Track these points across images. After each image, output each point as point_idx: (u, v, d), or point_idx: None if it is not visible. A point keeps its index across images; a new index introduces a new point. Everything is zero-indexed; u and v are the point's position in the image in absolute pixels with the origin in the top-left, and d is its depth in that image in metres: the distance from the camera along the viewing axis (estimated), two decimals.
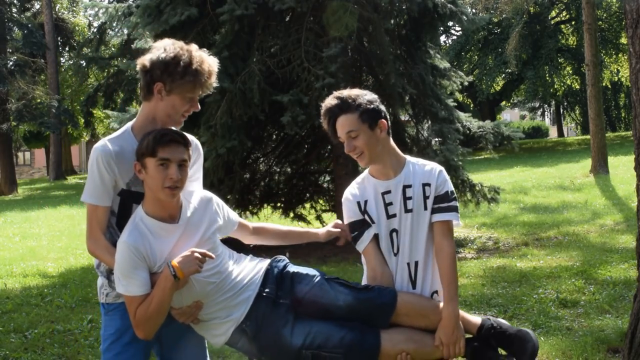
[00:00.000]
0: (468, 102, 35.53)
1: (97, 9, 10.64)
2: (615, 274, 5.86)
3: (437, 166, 2.59)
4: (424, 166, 2.59)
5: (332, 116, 2.57)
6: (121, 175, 2.42)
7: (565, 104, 43.83)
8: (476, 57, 30.63)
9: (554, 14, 31.70)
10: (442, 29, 10.77)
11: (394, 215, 2.54)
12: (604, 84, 30.84)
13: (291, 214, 9.68)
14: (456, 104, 9.29)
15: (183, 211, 2.44)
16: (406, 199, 2.53)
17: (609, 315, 4.70)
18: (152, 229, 2.38)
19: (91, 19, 35.43)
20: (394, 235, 2.55)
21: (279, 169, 9.64)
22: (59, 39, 33.18)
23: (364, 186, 2.62)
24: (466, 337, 2.49)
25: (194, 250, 2.33)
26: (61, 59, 35.16)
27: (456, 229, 2.68)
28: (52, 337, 5.09)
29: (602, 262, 6.36)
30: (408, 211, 2.53)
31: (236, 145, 7.43)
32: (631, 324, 3.23)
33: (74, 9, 36.59)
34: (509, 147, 9.21)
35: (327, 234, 2.76)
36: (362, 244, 2.57)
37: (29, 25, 28.88)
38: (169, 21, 7.77)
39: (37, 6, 33.02)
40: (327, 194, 9.72)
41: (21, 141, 38.22)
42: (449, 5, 8.52)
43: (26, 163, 46.82)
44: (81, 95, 34.62)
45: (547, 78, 28.34)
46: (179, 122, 2.51)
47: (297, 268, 2.62)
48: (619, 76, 32.01)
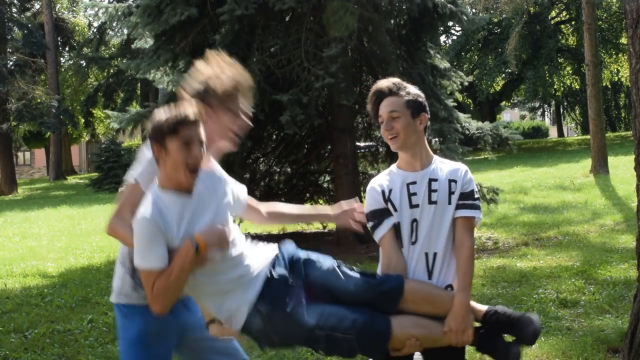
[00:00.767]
0: (468, 102, 35.54)
1: (97, 9, 10.63)
2: (615, 274, 5.86)
3: (463, 166, 2.66)
4: (451, 164, 2.67)
5: (380, 96, 2.63)
6: None
7: (565, 104, 43.84)
8: (476, 57, 30.64)
9: (554, 14, 31.70)
10: (442, 29, 10.74)
11: (416, 206, 2.60)
12: (604, 84, 30.85)
13: None
14: (456, 104, 9.29)
15: (197, 185, 2.41)
16: (431, 191, 2.59)
17: (609, 315, 4.70)
18: (167, 202, 2.35)
19: (91, 19, 35.46)
20: (414, 224, 2.61)
21: (279, 169, 9.64)
22: (59, 39, 33.19)
23: (390, 177, 2.68)
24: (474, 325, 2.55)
25: (216, 225, 2.33)
26: (61, 59, 35.18)
27: None
28: (52, 337, 5.09)
29: (602, 262, 6.36)
30: (432, 203, 2.59)
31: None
32: (631, 324, 3.23)
33: (74, 9, 36.61)
34: (507, 148, 9.23)
35: (338, 209, 2.85)
36: (380, 232, 2.63)
37: (29, 25, 28.90)
38: (169, 21, 7.77)
39: (37, 6, 33.03)
40: (327, 193, 9.73)
41: (21, 141, 38.25)
42: (449, 5, 8.52)
43: (26, 163, 46.83)
44: (81, 95, 34.68)
45: (547, 78, 28.34)
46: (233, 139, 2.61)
47: (307, 253, 2.65)
48: (619, 76, 32.01)
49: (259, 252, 2.58)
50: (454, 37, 30.34)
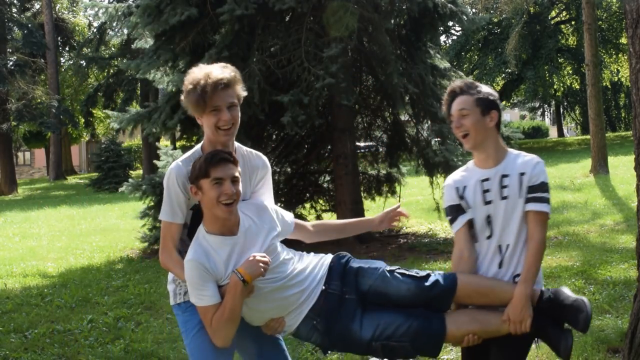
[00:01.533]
0: None
1: (97, 9, 10.61)
2: (615, 274, 5.86)
3: (536, 158, 2.67)
4: (523, 157, 2.69)
5: (453, 95, 2.72)
6: None
7: (565, 104, 43.81)
8: (476, 57, 30.61)
9: (554, 14, 31.67)
10: (442, 29, 10.74)
11: (490, 202, 2.66)
12: (604, 84, 30.82)
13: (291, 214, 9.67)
14: None
15: (241, 224, 2.57)
16: (502, 187, 2.64)
17: (609, 315, 4.70)
18: (214, 245, 2.53)
19: (91, 19, 35.43)
20: (489, 220, 2.67)
21: (279, 169, 9.64)
22: (59, 39, 33.20)
23: (466, 173, 2.75)
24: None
25: (255, 254, 2.49)
26: (61, 59, 35.18)
27: None
28: (52, 337, 5.09)
29: (602, 262, 6.35)
30: (503, 198, 2.64)
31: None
32: (631, 324, 3.23)
33: (74, 9, 36.60)
34: (508, 147, 9.21)
35: (384, 216, 2.96)
36: (455, 227, 2.72)
37: (29, 25, 28.89)
38: (169, 21, 7.77)
39: (37, 6, 33.03)
40: (327, 194, 9.73)
41: (21, 141, 38.22)
42: (449, 5, 8.53)
43: (26, 163, 46.80)
44: (81, 95, 34.66)
45: (547, 78, 28.30)
46: (223, 136, 2.59)
47: (360, 262, 2.74)
48: (619, 76, 31.97)
49: (311, 268, 2.68)
50: (454, 37, 30.32)
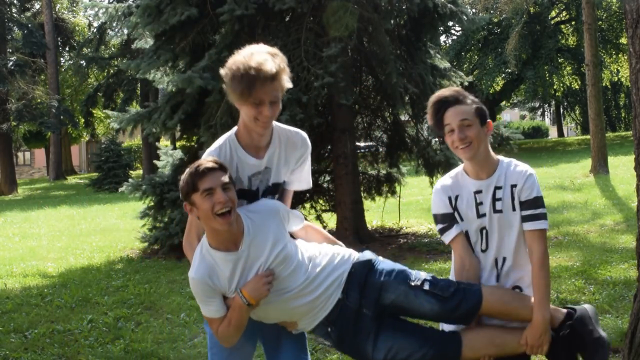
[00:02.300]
0: None
1: (97, 9, 10.62)
2: (615, 274, 5.86)
3: (527, 169, 2.60)
4: (515, 167, 2.62)
5: (445, 104, 2.59)
6: None
7: (565, 104, 43.82)
8: (476, 57, 30.61)
9: (553, 14, 31.67)
10: (442, 29, 10.74)
11: (483, 215, 2.60)
12: (604, 84, 30.83)
13: None
14: None
15: (245, 235, 2.46)
16: (495, 200, 2.58)
17: (609, 315, 4.70)
18: (217, 260, 2.46)
19: (91, 19, 35.42)
20: (484, 233, 2.61)
21: None
22: (59, 39, 33.20)
23: (457, 181, 2.67)
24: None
25: (260, 275, 2.43)
26: (61, 59, 35.19)
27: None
28: (52, 337, 5.09)
29: (602, 262, 6.35)
30: (497, 212, 2.58)
31: None
32: (631, 324, 3.22)
33: (74, 9, 36.60)
34: (508, 148, 9.21)
35: None
36: (450, 236, 2.64)
37: (29, 25, 28.90)
38: (169, 21, 7.78)
39: (37, 6, 33.04)
40: (327, 194, 9.72)
41: (21, 141, 38.23)
42: (449, 5, 8.52)
43: (26, 163, 46.81)
44: (81, 95, 34.67)
45: (547, 78, 28.31)
46: (260, 127, 2.50)
47: (384, 266, 2.61)
48: (619, 76, 31.97)
49: (328, 272, 2.56)
50: (454, 37, 30.32)
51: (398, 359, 2.46)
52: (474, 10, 26.96)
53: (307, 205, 9.84)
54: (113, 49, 31.94)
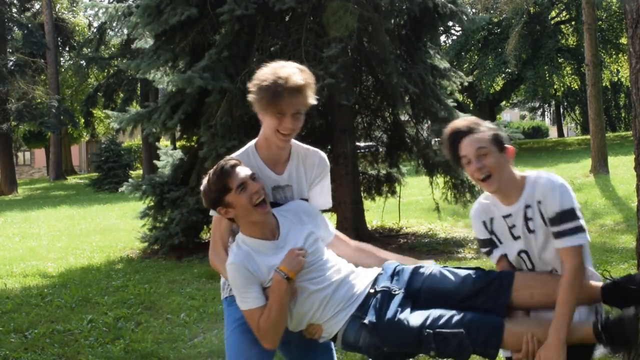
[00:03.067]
0: (468, 102, 35.52)
1: (97, 9, 10.61)
2: (615, 274, 5.83)
3: (550, 181, 2.44)
4: (539, 181, 2.48)
5: (459, 135, 2.47)
6: None
7: (565, 104, 43.83)
8: (476, 57, 30.61)
9: (554, 14, 31.68)
10: (442, 29, 10.75)
11: (518, 237, 2.50)
12: (604, 84, 30.84)
13: None
14: (456, 104, 9.28)
15: (281, 228, 2.52)
16: (527, 219, 2.47)
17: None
18: (255, 247, 2.47)
19: (91, 19, 35.40)
20: (524, 255, 2.52)
21: None
22: (59, 39, 33.20)
23: (489, 204, 2.58)
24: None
25: (292, 249, 2.44)
26: (61, 59, 35.18)
27: (456, 230, 2.65)
28: (52, 337, 5.09)
29: (602, 262, 6.35)
30: (531, 232, 2.48)
31: (236, 145, 7.42)
32: None
33: (74, 9, 36.61)
34: None
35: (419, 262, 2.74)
36: (494, 259, 2.60)
37: (29, 25, 28.90)
38: (169, 21, 7.78)
39: (37, 6, 33.04)
40: None
41: (21, 141, 38.23)
42: (449, 5, 8.52)
43: (26, 163, 46.81)
44: (81, 95, 34.68)
45: (547, 78, 28.32)
46: (280, 140, 2.53)
47: (411, 266, 2.63)
48: (619, 76, 31.98)
49: (359, 271, 2.61)
50: (454, 37, 30.33)
51: (438, 323, 2.37)
52: (474, 10, 26.97)
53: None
54: (113, 49, 31.94)
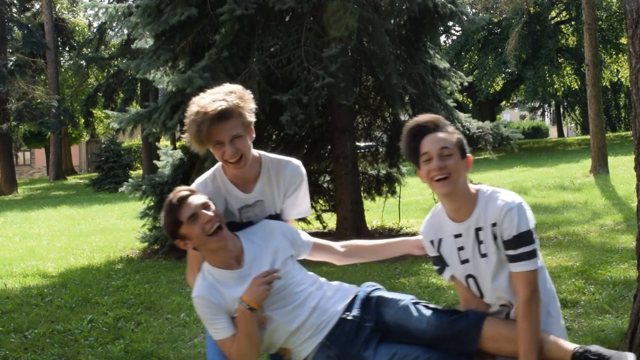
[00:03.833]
0: (468, 102, 35.53)
1: (97, 9, 10.64)
2: (615, 274, 5.86)
3: (506, 202, 2.30)
4: (495, 201, 2.33)
5: (423, 131, 2.36)
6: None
7: (565, 104, 43.81)
8: (476, 57, 30.63)
9: (553, 14, 31.69)
10: (442, 29, 10.74)
11: (466, 261, 2.38)
12: (604, 84, 30.82)
13: None
14: (456, 104, 9.28)
15: (246, 254, 2.47)
16: (479, 242, 2.34)
17: (609, 315, 4.70)
18: (219, 278, 2.44)
19: (91, 19, 35.45)
20: (471, 280, 2.40)
21: None
22: (59, 39, 33.20)
23: (439, 221, 2.45)
24: None
25: (256, 277, 2.40)
26: (61, 59, 35.18)
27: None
28: (52, 337, 5.08)
29: (602, 262, 6.35)
30: (483, 256, 2.34)
31: None
32: (631, 324, 3.23)
33: (74, 9, 36.62)
34: (508, 147, 9.20)
35: (414, 243, 2.69)
36: (447, 276, 2.50)
37: (29, 25, 28.88)
38: (169, 21, 7.77)
39: (37, 6, 33.05)
40: (327, 194, 9.72)
41: (21, 141, 38.22)
42: (449, 5, 8.52)
43: (26, 163, 46.80)
44: (81, 95, 34.69)
45: (547, 78, 28.33)
46: (233, 169, 2.50)
47: (385, 292, 2.58)
48: (619, 76, 31.98)
49: (331, 294, 2.55)
50: (454, 37, 30.34)
51: None
52: (474, 10, 26.98)
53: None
54: (113, 49, 31.96)
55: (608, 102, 39.95)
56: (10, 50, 29.10)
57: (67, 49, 36.07)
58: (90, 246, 9.92)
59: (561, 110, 46.40)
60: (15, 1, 30.21)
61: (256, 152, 2.62)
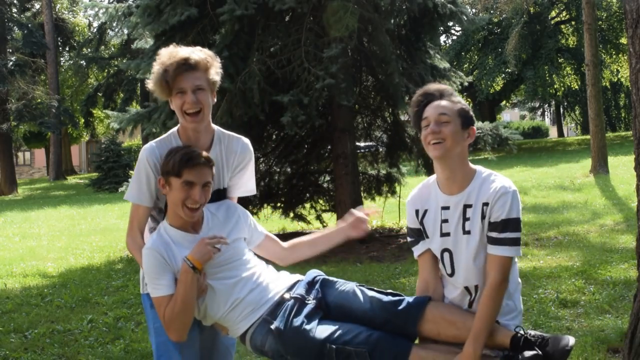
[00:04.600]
0: (468, 102, 35.54)
1: (97, 9, 10.65)
2: (615, 274, 5.86)
3: (503, 186, 2.32)
4: (491, 182, 2.34)
5: (429, 98, 2.40)
6: None
7: (565, 104, 43.82)
8: (476, 57, 30.63)
9: (553, 14, 31.69)
10: (442, 29, 10.74)
11: (447, 234, 2.38)
12: (604, 84, 30.83)
13: (291, 214, 9.68)
14: None
15: (205, 222, 2.53)
16: (465, 219, 2.34)
17: (609, 315, 4.70)
18: (175, 238, 2.47)
19: (91, 19, 35.48)
20: (446, 255, 2.40)
21: (279, 169, 9.64)
22: (59, 39, 33.20)
23: (428, 192, 2.46)
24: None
25: (203, 238, 2.43)
26: (61, 59, 35.18)
27: None
28: (52, 337, 5.09)
29: (602, 262, 6.35)
30: (466, 233, 2.35)
31: None
32: (631, 324, 3.23)
33: (74, 9, 36.61)
34: (507, 148, 9.22)
35: (354, 222, 2.69)
36: (417, 251, 2.52)
37: (29, 25, 28.89)
38: (169, 21, 7.77)
39: (37, 6, 33.04)
40: (327, 194, 9.73)
41: (21, 141, 38.23)
42: (449, 5, 8.53)
43: (26, 163, 46.81)
44: (81, 95, 34.71)
45: (547, 78, 28.33)
46: (190, 122, 2.50)
47: (330, 277, 2.62)
48: (619, 76, 31.98)
49: (276, 275, 2.62)
50: (454, 37, 30.35)
51: (343, 339, 2.34)
52: (474, 10, 27.00)
53: (307, 205, 9.84)
54: (113, 49, 31.99)
55: (608, 102, 39.96)
56: (10, 50, 29.12)
57: (67, 49, 36.08)
58: (90, 246, 9.92)
59: (561, 110, 46.40)
60: (15, 1, 30.22)
61: (212, 124, 2.65)
